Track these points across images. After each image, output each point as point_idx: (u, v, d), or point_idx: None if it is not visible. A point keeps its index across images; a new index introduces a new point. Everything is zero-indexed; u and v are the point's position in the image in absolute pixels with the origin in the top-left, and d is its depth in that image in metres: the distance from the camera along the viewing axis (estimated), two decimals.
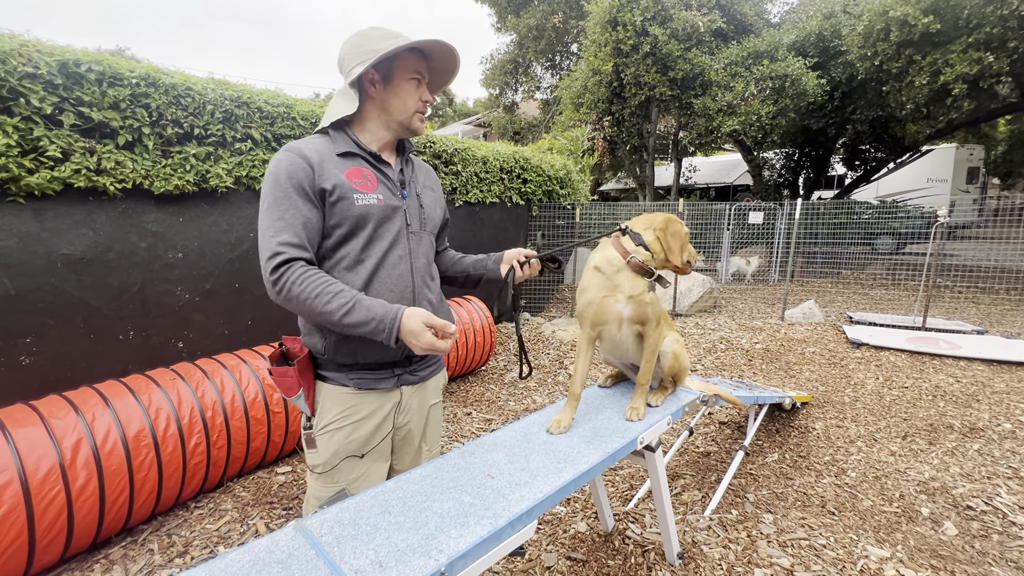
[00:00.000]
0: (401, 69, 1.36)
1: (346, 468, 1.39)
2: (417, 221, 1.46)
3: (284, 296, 1.22)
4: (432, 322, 1.23)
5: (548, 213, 6.62)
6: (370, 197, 1.34)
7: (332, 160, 1.31)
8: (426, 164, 1.65)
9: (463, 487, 1.33)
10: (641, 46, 9.14)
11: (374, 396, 1.41)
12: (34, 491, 1.92)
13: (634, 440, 1.64)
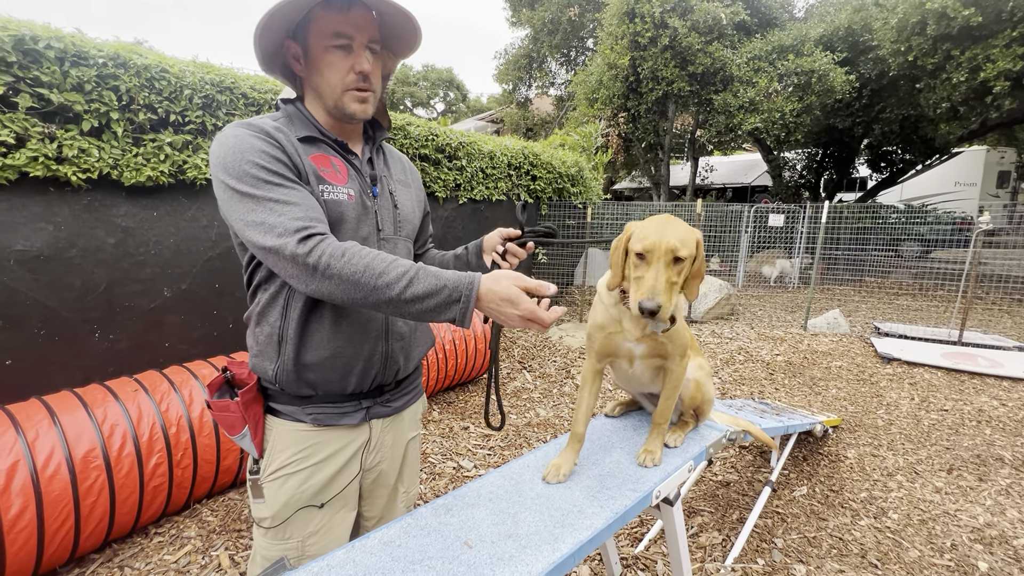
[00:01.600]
0: (316, 35, 1.04)
1: (300, 521, 1.15)
2: (391, 225, 1.20)
3: (322, 273, 0.92)
4: (525, 283, 0.93)
5: (558, 212, 6.32)
6: (339, 191, 1.09)
7: (294, 142, 1.05)
8: (399, 153, 1.38)
9: (432, 562, 1.05)
10: (660, 39, 8.77)
11: (338, 433, 1.17)
12: None
13: (648, 494, 1.35)
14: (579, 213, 6.63)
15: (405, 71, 30.87)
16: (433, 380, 3.66)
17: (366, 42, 1.06)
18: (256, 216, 0.95)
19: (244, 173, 0.96)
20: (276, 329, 1.09)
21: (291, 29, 1.06)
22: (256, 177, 0.96)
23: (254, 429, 1.13)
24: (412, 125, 4.17)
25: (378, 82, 1.13)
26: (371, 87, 1.09)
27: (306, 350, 1.10)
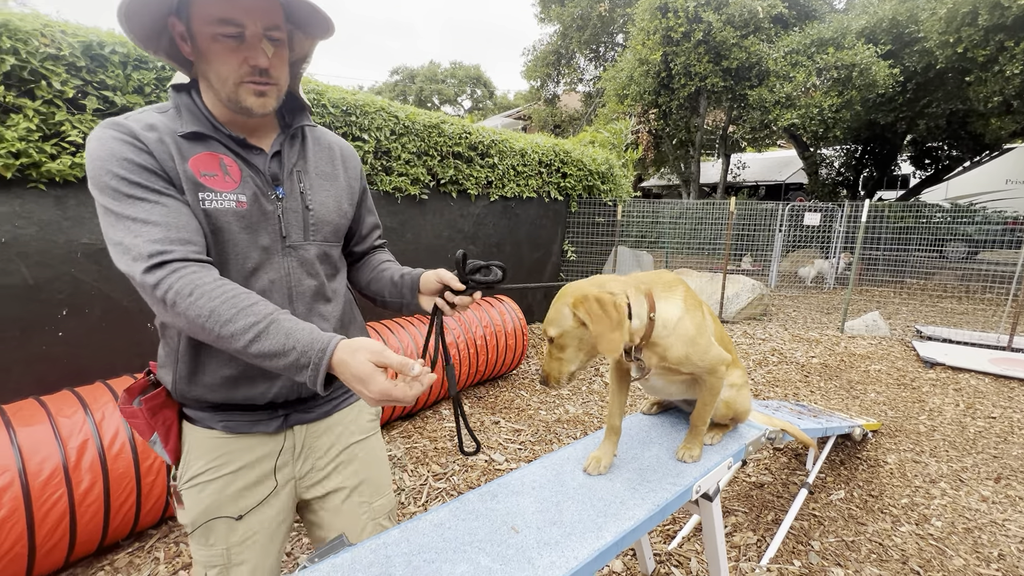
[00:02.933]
0: (199, 18, 0.88)
1: (220, 530, 1.07)
2: (299, 230, 1.05)
3: (170, 308, 0.84)
4: (386, 359, 0.83)
5: (587, 209, 6.30)
6: (225, 198, 0.94)
7: (172, 141, 0.92)
8: (333, 137, 1.18)
9: (481, 544, 1.09)
10: (693, 34, 8.63)
11: (251, 442, 1.07)
12: (35, 494, 1.82)
13: (689, 489, 1.37)
14: (609, 210, 6.60)
15: (433, 69, 31.11)
16: (464, 375, 3.73)
17: (262, 31, 0.90)
18: (114, 234, 0.86)
19: (104, 185, 0.86)
20: (172, 345, 1.00)
21: (172, 5, 0.89)
22: (115, 190, 0.86)
23: (165, 435, 1.05)
24: (446, 123, 4.23)
25: (282, 72, 0.97)
26: (271, 80, 0.94)
27: (201, 370, 1.00)
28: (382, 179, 3.81)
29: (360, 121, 3.55)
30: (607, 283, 1.18)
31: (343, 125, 3.47)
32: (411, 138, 3.94)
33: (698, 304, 1.30)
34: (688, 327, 1.24)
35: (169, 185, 0.90)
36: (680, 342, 1.23)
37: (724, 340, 1.43)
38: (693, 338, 1.24)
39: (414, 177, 4.03)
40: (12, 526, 1.76)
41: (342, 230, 1.15)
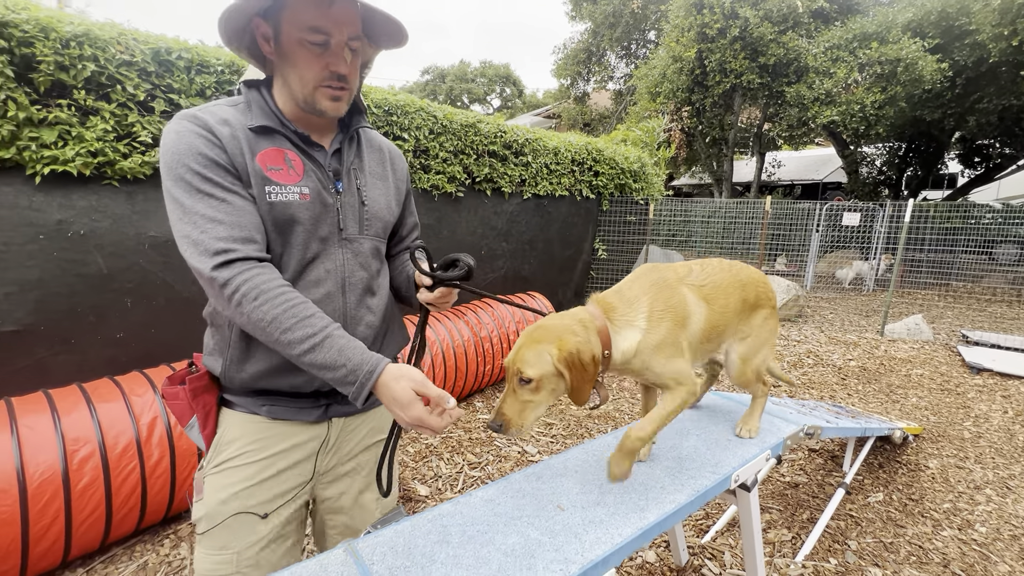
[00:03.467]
0: (291, 23, 0.93)
1: (238, 527, 1.03)
2: (355, 223, 1.10)
3: (235, 307, 0.89)
4: (426, 391, 0.89)
5: (619, 208, 6.30)
6: (290, 191, 0.99)
7: (243, 136, 0.97)
8: (383, 140, 1.24)
9: (529, 519, 1.17)
10: (729, 30, 8.49)
11: (292, 428, 1.08)
12: (112, 465, 1.98)
13: (727, 477, 1.41)
14: (640, 209, 6.58)
15: (463, 68, 31.37)
16: (498, 370, 3.81)
17: (346, 40, 0.96)
18: (183, 228, 0.91)
19: (179, 177, 0.91)
20: (224, 333, 1.03)
21: (262, 8, 0.94)
22: (188, 183, 0.91)
23: (203, 420, 1.06)
24: (482, 123, 4.33)
25: (355, 78, 1.03)
26: (347, 85, 1.00)
27: (251, 357, 1.02)
28: (420, 177, 3.92)
29: (401, 121, 3.68)
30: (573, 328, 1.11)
31: (385, 124, 3.59)
32: (448, 137, 4.04)
33: (667, 313, 1.21)
34: (646, 345, 1.19)
35: (236, 181, 0.95)
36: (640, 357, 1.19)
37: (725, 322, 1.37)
38: (653, 353, 1.20)
39: (450, 175, 4.13)
40: (93, 493, 1.93)
41: (390, 227, 1.20)
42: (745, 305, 1.40)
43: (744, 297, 1.39)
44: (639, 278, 1.26)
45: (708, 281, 1.33)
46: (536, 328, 1.13)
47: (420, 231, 1.37)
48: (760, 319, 1.46)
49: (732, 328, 1.39)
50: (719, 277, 1.35)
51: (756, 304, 1.44)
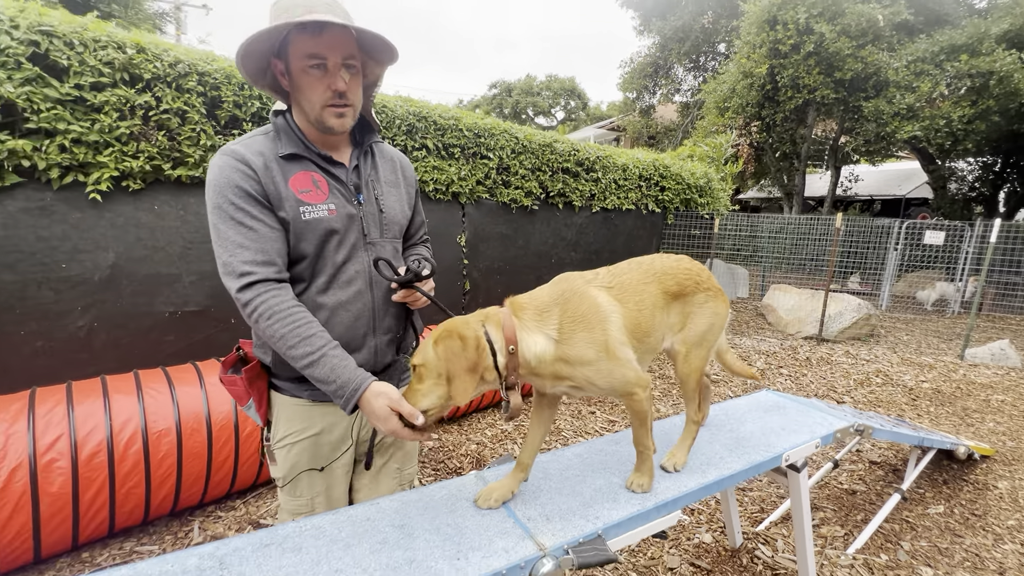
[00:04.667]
0: (295, 56, 1.10)
1: (306, 482, 1.31)
2: (376, 229, 1.27)
3: (255, 323, 1.10)
4: (400, 407, 1.06)
5: (684, 222, 6.47)
6: (319, 208, 1.16)
7: (276, 164, 1.14)
8: (392, 150, 1.41)
9: (612, 469, 1.50)
10: (803, 46, 8.40)
11: (331, 409, 1.28)
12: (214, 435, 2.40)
13: (779, 456, 1.67)
14: (705, 223, 6.70)
15: (529, 82, 32.13)
16: None
17: (341, 61, 1.10)
18: (219, 250, 1.09)
19: (217, 207, 1.09)
20: None
21: (275, 49, 1.12)
22: (225, 213, 1.08)
23: (259, 401, 1.25)
24: (558, 142, 4.71)
25: (357, 94, 1.17)
26: (348, 102, 1.15)
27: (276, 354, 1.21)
28: (501, 191, 4.36)
29: (487, 141, 4.13)
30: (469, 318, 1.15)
31: (474, 145, 4.06)
32: (528, 155, 4.46)
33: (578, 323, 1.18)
34: (574, 353, 1.16)
35: (265, 209, 1.11)
36: (570, 367, 1.16)
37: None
38: (588, 362, 1.17)
39: (527, 190, 4.54)
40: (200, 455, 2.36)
41: (403, 228, 1.38)
42: (667, 296, 1.36)
43: (664, 289, 1.35)
44: (552, 286, 1.25)
45: (616, 282, 1.30)
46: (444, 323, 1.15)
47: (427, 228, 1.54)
48: (693, 306, 1.42)
49: (661, 322, 1.36)
50: (628, 277, 1.33)
51: (681, 292, 1.39)
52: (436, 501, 1.29)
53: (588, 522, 1.24)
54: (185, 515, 2.46)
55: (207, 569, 1.02)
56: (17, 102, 2.21)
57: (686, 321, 1.42)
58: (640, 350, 1.28)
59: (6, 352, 2.35)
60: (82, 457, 1.99)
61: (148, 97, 2.56)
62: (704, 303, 1.43)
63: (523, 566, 1.09)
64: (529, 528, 1.20)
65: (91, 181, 2.48)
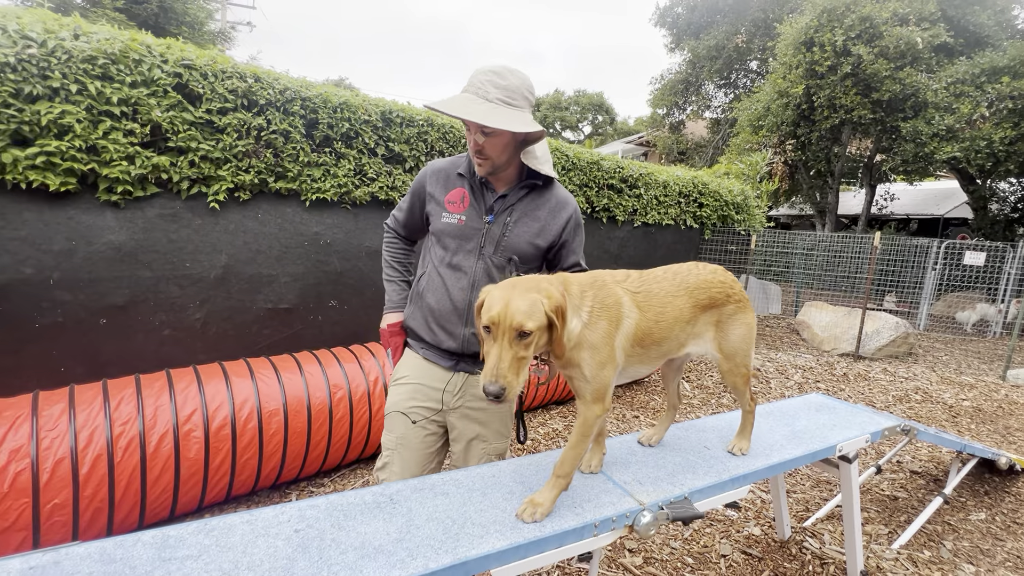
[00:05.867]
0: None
1: (397, 421, 1.61)
2: (492, 246, 1.53)
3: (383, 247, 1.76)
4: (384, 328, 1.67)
5: (720, 238, 6.64)
6: (452, 216, 1.54)
7: (451, 177, 1.56)
8: (560, 194, 1.62)
9: (686, 451, 1.73)
10: (840, 67, 8.53)
11: (434, 370, 1.59)
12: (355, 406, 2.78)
13: (832, 447, 1.87)
14: (741, 239, 6.85)
15: (557, 96, 32.70)
16: None
17: (477, 128, 1.41)
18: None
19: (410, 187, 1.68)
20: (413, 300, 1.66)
21: None
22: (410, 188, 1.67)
23: (395, 353, 1.69)
24: (604, 160, 4.99)
25: (494, 152, 1.46)
26: (485, 156, 1.46)
27: (412, 319, 1.63)
28: None
29: None
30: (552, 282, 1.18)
31: None
32: (576, 172, 4.74)
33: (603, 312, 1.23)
34: (589, 338, 1.21)
35: (418, 200, 1.63)
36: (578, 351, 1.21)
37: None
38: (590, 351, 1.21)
39: None
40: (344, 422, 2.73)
41: (530, 256, 1.57)
42: (696, 308, 1.44)
43: (695, 302, 1.43)
44: (586, 273, 1.33)
45: (643, 289, 1.35)
46: (517, 281, 1.14)
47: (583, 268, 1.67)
48: (723, 316, 1.51)
49: (679, 332, 1.41)
50: (657, 287, 1.37)
51: (712, 304, 1.48)
52: (545, 465, 1.54)
53: (675, 487, 1.47)
54: (283, 488, 2.77)
55: (382, 504, 1.29)
56: (163, 124, 2.59)
57: (718, 329, 1.51)
58: (642, 356, 1.35)
59: (143, 337, 2.72)
60: (212, 429, 2.31)
61: (261, 120, 2.93)
62: (734, 314, 1.51)
63: (628, 515, 1.33)
64: (627, 489, 1.44)
65: (211, 192, 2.85)
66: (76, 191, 2.44)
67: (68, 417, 2.04)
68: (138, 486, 2.12)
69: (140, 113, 2.52)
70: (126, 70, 2.45)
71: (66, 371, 2.50)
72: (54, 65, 2.25)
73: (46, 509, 1.91)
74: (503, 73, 1.43)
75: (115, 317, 2.63)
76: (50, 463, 1.93)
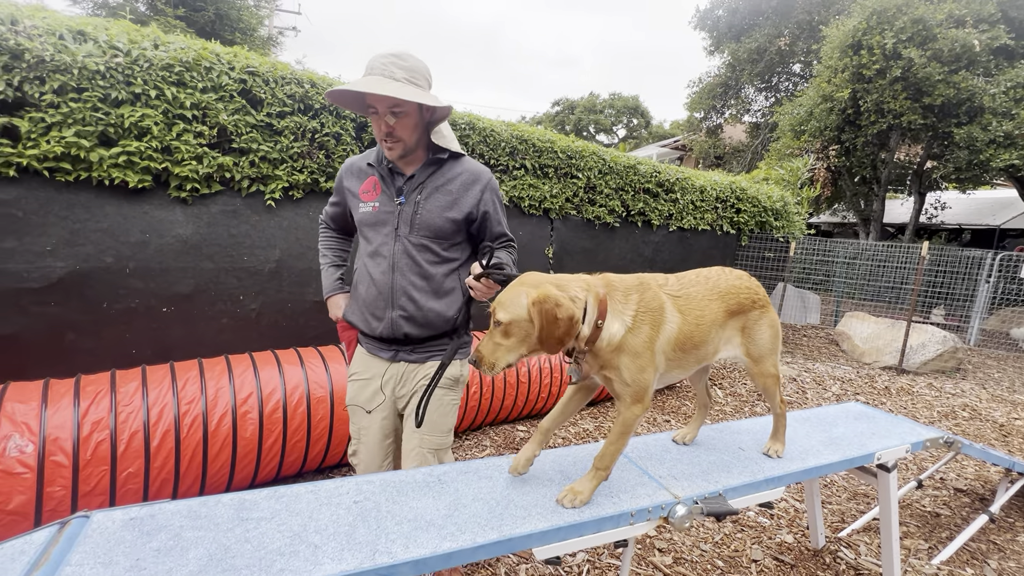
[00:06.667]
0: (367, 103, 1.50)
1: (355, 414, 1.71)
2: (407, 226, 1.56)
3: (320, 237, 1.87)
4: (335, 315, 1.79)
5: (758, 244, 6.53)
6: (367, 205, 1.60)
7: (363, 169, 1.64)
8: (469, 166, 1.63)
9: (720, 451, 1.77)
10: (890, 70, 8.25)
11: (377, 363, 1.66)
12: None
13: (871, 454, 1.87)
14: (779, 247, 6.72)
15: (592, 100, 32.53)
16: None
17: (386, 109, 1.45)
18: None
19: None
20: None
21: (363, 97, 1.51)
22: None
23: (349, 347, 1.78)
24: (641, 164, 5.01)
25: (404, 132, 1.49)
26: (396, 138, 1.49)
27: (351, 314, 1.69)
28: (587, 209, 4.69)
29: (577, 163, 4.49)
30: (570, 284, 1.18)
31: (566, 166, 4.43)
32: (613, 176, 4.78)
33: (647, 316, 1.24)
34: (632, 342, 1.21)
35: (340, 198, 1.72)
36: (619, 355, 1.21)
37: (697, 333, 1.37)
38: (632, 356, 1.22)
39: (611, 208, 4.85)
40: None
41: (447, 231, 1.59)
42: (727, 314, 1.46)
43: (726, 307, 1.45)
44: (632, 275, 1.32)
45: (683, 293, 1.36)
46: (528, 274, 1.20)
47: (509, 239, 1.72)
48: (750, 321, 1.53)
49: (714, 336, 1.42)
50: (694, 290, 1.39)
51: (740, 310, 1.50)
52: (582, 458, 1.61)
53: (709, 484, 1.52)
54: (327, 472, 2.92)
55: (431, 483, 1.39)
56: (228, 127, 2.79)
57: (744, 335, 1.53)
58: (681, 360, 1.36)
59: (204, 325, 2.92)
60: (266, 411, 2.47)
61: (315, 123, 3.10)
62: (759, 318, 1.54)
63: (663, 507, 1.39)
64: (662, 483, 1.50)
65: (268, 191, 3.04)
66: (150, 188, 2.65)
67: (141, 394, 2.23)
68: (200, 461, 2.29)
69: (208, 116, 2.72)
70: (198, 77, 2.65)
71: (136, 353, 2.71)
72: (136, 72, 2.46)
73: (121, 477, 2.10)
74: (404, 56, 1.47)
75: (180, 305, 2.84)
76: (126, 435, 2.12)
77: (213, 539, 1.08)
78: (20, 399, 2.03)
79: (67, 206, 2.44)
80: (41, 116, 2.27)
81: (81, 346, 2.56)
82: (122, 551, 1.02)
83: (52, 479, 1.94)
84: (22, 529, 1.89)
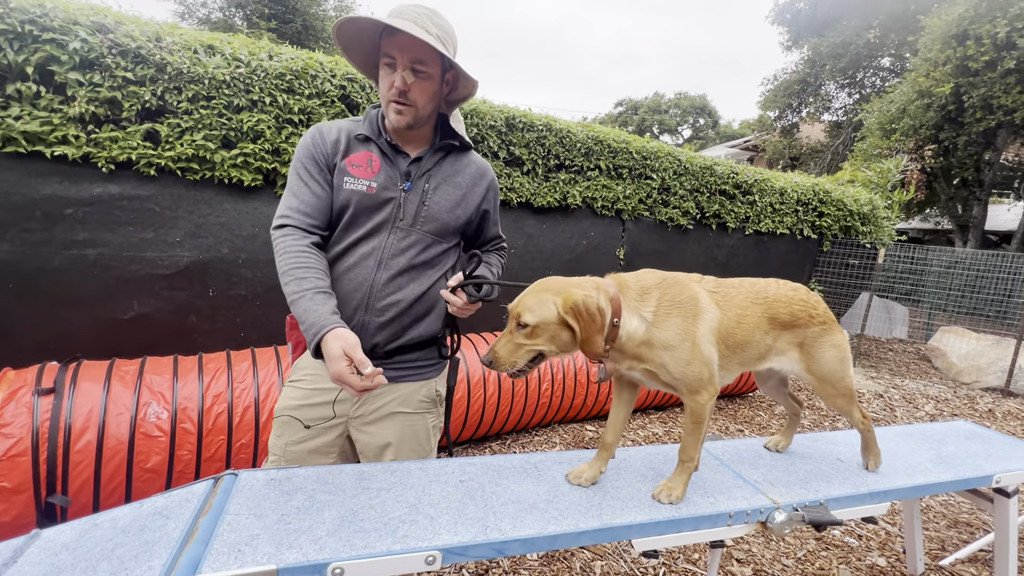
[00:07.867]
0: (381, 55, 1.24)
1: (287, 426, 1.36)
2: (411, 216, 1.31)
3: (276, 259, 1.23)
4: (352, 354, 1.08)
5: (841, 250, 6.14)
6: (359, 183, 1.26)
7: (346, 140, 1.28)
8: (479, 162, 1.44)
9: (817, 460, 1.71)
10: (1002, 62, 7.48)
11: None
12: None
13: (988, 476, 1.73)
14: (865, 254, 6.28)
15: (657, 100, 31.74)
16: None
17: (407, 62, 1.18)
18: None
19: (292, 165, 1.29)
20: None
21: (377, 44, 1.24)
22: (294, 170, 1.27)
23: (294, 347, 1.40)
24: (718, 165, 4.86)
25: (421, 98, 1.24)
26: (409, 102, 1.22)
27: None
28: (659, 210, 4.62)
29: (652, 163, 4.44)
30: (582, 284, 1.17)
31: (640, 167, 4.39)
32: (688, 177, 4.68)
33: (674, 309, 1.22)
34: (660, 336, 1.19)
35: (322, 172, 1.26)
36: (650, 350, 1.20)
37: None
38: (668, 346, 1.20)
39: (684, 209, 4.75)
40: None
41: (450, 229, 1.37)
42: (774, 323, 1.38)
43: (772, 315, 1.37)
44: (654, 272, 1.28)
45: (721, 290, 1.33)
46: (545, 280, 1.18)
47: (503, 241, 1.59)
48: (808, 338, 1.44)
49: (760, 341, 1.37)
50: (735, 292, 1.35)
51: (794, 323, 1.41)
52: (672, 456, 1.61)
53: (808, 492, 1.47)
54: None
55: (529, 470, 1.45)
56: None
57: (802, 351, 1.45)
58: (730, 359, 1.31)
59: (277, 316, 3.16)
60: None
61: None
62: (820, 336, 1.44)
63: (762, 511, 1.37)
64: (758, 488, 1.47)
65: None
66: (260, 186, 2.91)
67: (252, 373, 2.46)
68: None
69: (312, 120, 2.94)
70: (305, 84, 2.88)
71: (245, 336, 2.98)
72: (255, 81, 2.72)
73: (235, 447, 2.32)
74: (439, 13, 1.25)
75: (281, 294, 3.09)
76: (240, 409, 2.34)
77: (342, 503, 1.19)
78: (156, 372, 2.30)
79: (194, 202, 2.73)
80: (177, 122, 2.56)
81: (200, 327, 2.85)
82: (269, 506, 1.15)
83: (181, 443, 2.19)
84: (157, 486, 2.14)
